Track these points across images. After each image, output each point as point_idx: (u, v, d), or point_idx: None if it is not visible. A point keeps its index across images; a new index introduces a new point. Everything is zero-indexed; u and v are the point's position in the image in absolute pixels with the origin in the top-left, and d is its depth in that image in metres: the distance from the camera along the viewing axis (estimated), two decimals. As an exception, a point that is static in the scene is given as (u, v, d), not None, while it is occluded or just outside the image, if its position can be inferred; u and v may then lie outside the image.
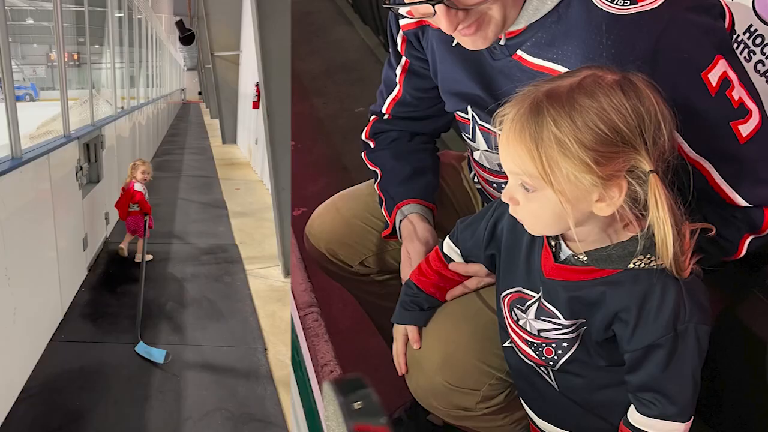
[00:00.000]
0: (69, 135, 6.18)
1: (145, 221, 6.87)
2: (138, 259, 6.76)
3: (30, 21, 18.07)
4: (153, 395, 4.14)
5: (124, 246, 6.94)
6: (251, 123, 14.37)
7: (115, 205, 7.05)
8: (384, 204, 2.41)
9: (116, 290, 6.08)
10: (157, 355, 4.65)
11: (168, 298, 5.93)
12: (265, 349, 4.86)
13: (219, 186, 11.69)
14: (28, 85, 19.17)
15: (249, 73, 15.21)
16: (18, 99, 4.52)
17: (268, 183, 10.58)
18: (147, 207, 6.91)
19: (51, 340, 4.86)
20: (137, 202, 6.85)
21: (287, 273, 6.46)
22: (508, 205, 1.67)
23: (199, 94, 38.51)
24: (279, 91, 5.85)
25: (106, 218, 7.50)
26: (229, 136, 18.91)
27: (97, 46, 10.32)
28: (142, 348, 4.77)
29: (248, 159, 14.96)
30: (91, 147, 6.86)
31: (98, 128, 7.26)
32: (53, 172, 5.22)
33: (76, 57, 9.70)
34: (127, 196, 6.86)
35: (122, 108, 10.43)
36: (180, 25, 17.19)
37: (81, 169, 6.19)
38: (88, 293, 5.94)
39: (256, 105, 12.76)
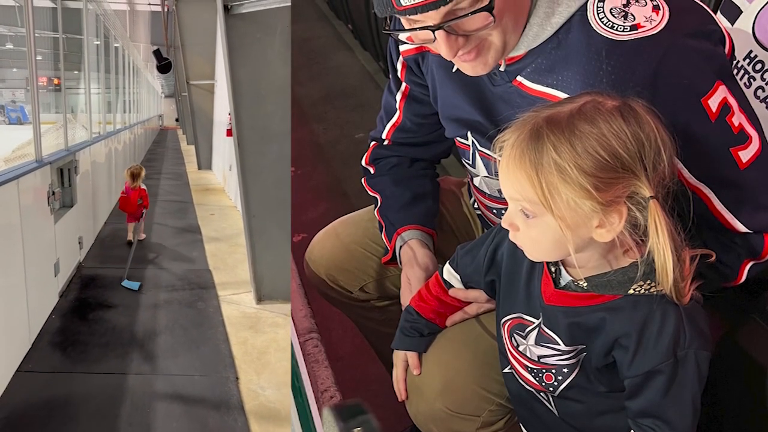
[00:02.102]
0: (41, 160, 6.23)
1: (143, 212, 8.31)
2: (141, 237, 8.48)
3: (9, 46, 18.52)
4: (122, 428, 4.13)
5: (132, 235, 8.34)
6: (225, 150, 14.63)
7: (120, 208, 8.40)
8: (384, 230, 2.41)
9: (88, 317, 6.10)
10: (134, 285, 6.89)
11: (140, 325, 5.96)
12: (237, 378, 4.88)
13: (194, 211, 11.88)
14: (17, 108, 19.37)
15: (223, 102, 15.39)
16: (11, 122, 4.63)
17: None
18: (147, 203, 8.32)
19: (17, 370, 4.82)
20: (142, 198, 8.18)
21: (259, 299, 6.62)
22: (508, 231, 1.67)
23: (177, 120, 38.80)
24: (249, 119, 6.04)
25: (79, 243, 7.69)
26: (205, 162, 19.21)
27: (76, 72, 10.59)
28: (126, 283, 6.92)
29: (223, 185, 15.24)
30: (65, 172, 6.96)
31: (72, 153, 7.36)
32: (23, 197, 5.22)
33: (56, 82, 9.75)
34: (134, 196, 8.09)
35: (98, 133, 10.60)
36: (157, 54, 17.51)
37: (53, 194, 6.23)
38: (58, 320, 5.94)
39: (229, 133, 12.90)
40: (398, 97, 2.38)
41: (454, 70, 2.06)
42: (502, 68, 1.92)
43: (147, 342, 5.56)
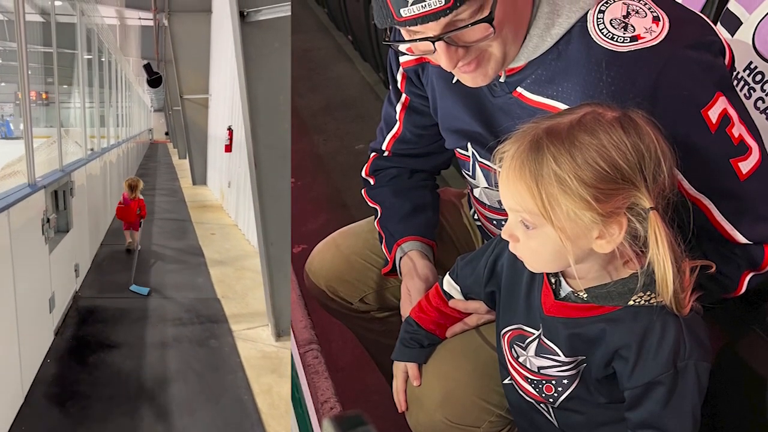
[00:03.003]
0: (34, 184, 5.73)
1: (141, 222, 8.24)
2: (138, 247, 8.25)
3: (-1, 60, 18.39)
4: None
5: (130, 240, 8.30)
6: (223, 166, 14.48)
7: (118, 216, 8.43)
8: (384, 241, 2.41)
9: (87, 360, 5.54)
10: (143, 290, 6.64)
11: (149, 370, 5.40)
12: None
13: (193, 230, 11.42)
14: (4, 122, 19.31)
15: (219, 116, 15.45)
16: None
17: (244, 227, 10.83)
18: (145, 213, 8.29)
19: (9, 432, 4.28)
20: (140, 208, 8.23)
21: (278, 334, 6.17)
22: (507, 242, 1.67)
23: (166, 134, 38.86)
24: (267, 136, 5.62)
25: (75, 270, 7.19)
26: (200, 177, 19.13)
27: (65, 86, 10.41)
28: (134, 287, 6.62)
29: (220, 201, 14.97)
30: (60, 194, 6.53)
31: (67, 174, 6.91)
32: (14, 227, 4.73)
33: (45, 96, 9.59)
34: (133, 206, 8.11)
35: (92, 150, 10.20)
36: (148, 68, 17.56)
37: (48, 221, 5.79)
38: (54, 365, 5.39)
39: (228, 148, 12.93)
40: (398, 108, 2.38)
41: (454, 81, 2.06)
42: (502, 79, 1.92)
43: (158, 393, 4.96)
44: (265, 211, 5.81)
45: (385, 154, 2.49)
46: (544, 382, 1.82)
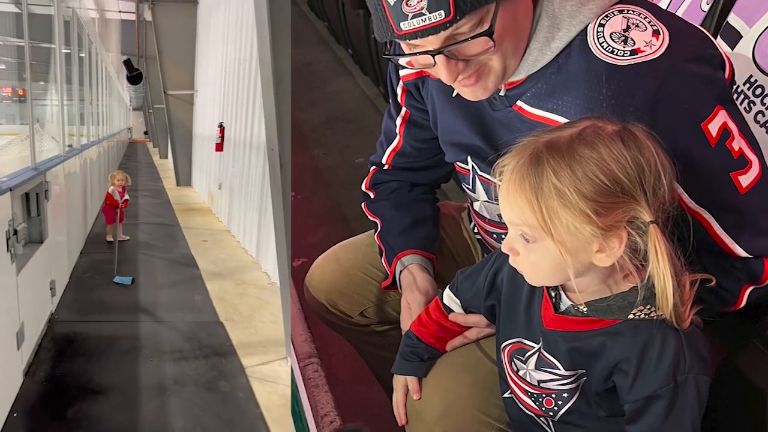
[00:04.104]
0: None
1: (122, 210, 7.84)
2: (124, 238, 7.98)
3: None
4: None
5: (110, 236, 7.87)
6: (212, 166, 13.77)
7: (103, 211, 8.15)
8: (384, 254, 2.42)
9: (66, 413, 4.47)
10: (126, 280, 6.17)
11: (146, 426, 4.41)
12: None
13: (183, 237, 10.25)
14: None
15: (206, 114, 14.87)
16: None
17: (238, 234, 10.21)
18: (126, 203, 7.92)
19: None
20: (122, 202, 7.81)
21: None
22: (507, 255, 1.67)
23: (145, 133, 38.37)
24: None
25: (51, 288, 6.03)
26: (184, 178, 18.48)
27: (42, 83, 9.65)
28: (117, 278, 6.15)
29: (209, 204, 14.10)
30: (33, 198, 5.47)
31: (42, 173, 5.77)
32: None
33: (22, 93, 9.14)
34: (114, 204, 7.79)
35: (70, 146, 8.90)
36: (128, 64, 16.99)
37: (15, 233, 4.71)
38: (22, 420, 4.34)
39: (219, 147, 12.31)
40: (398, 121, 2.38)
41: (454, 94, 2.06)
42: (502, 93, 1.92)
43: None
44: (288, 222, 4.92)
45: (385, 167, 2.49)
46: (544, 395, 1.82)
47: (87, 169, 9.56)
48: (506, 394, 1.96)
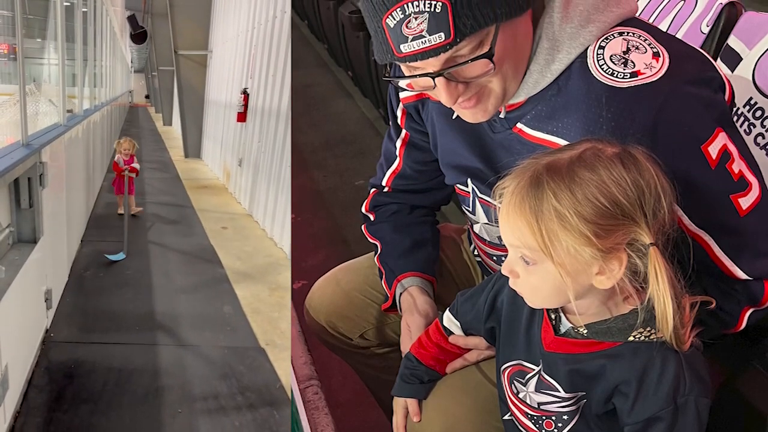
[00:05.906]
0: None
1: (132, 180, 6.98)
2: (133, 211, 6.98)
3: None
4: None
5: (121, 209, 6.93)
6: (229, 139, 11.86)
7: (113, 183, 7.10)
8: (384, 277, 2.41)
9: None
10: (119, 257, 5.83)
11: None
12: None
13: (199, 222, 8.19)
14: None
15: (223, 78, 13.30)
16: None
17: (264, 221, 8.47)
18: (137, 171, 7.00)
19: None
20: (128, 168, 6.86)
21: None
22: (507, 278, 1.67)
23: (146, 97, 37.45)
24: None
25: (46, 300, 4.46)
26: (193, 149, 15.99)
27: (39, 40, 7.92)
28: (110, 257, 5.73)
29: (224, 182, 12.05)
30: (23, 185, 4.00)
31: (35, 151, 4.17)
32: None
33: (15, 49, 8.44)
34: (119, 171, 6.91)
35: (71, 111, 6.91)
36: (132, 20, 15.34)
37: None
38: None
39: (242, 117, 10.40)
40: (398, 144, 2.39)
41: (454, 117, 2.06)
42: (502, 115, 1.92)
43: None
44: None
45: (385, 189, 2.50)
46: (544, 417, 1.81)
47: (90, 140, 7.75)
48: (506, 417, 1.96)
